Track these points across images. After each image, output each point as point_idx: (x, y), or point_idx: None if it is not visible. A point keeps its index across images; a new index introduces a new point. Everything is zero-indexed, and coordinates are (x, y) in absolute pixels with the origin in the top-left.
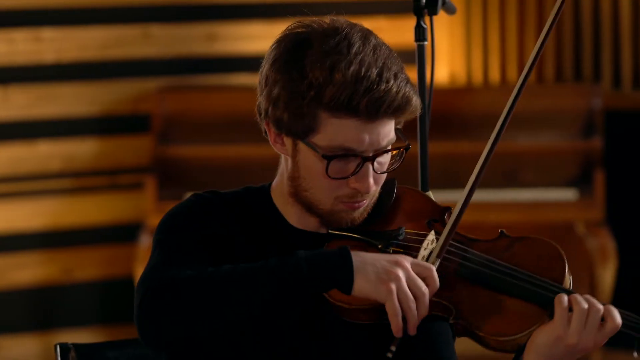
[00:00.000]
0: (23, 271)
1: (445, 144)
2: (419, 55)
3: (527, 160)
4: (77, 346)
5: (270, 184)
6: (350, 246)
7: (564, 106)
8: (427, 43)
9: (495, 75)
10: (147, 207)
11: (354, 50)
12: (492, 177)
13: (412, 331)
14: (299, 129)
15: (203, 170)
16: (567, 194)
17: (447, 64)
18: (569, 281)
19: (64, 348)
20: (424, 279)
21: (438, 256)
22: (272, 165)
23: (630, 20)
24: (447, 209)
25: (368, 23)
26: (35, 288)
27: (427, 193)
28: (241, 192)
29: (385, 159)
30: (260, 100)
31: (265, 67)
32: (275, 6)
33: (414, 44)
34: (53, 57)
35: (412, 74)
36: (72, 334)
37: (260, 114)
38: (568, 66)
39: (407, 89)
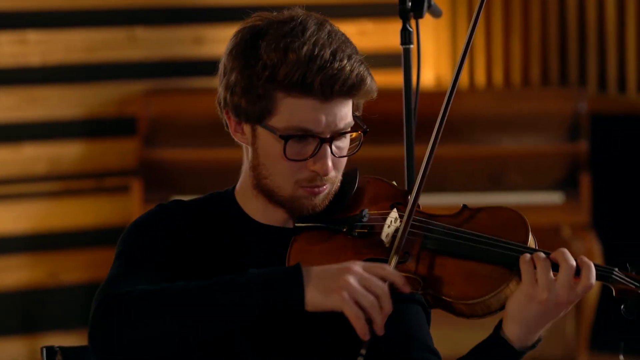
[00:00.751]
0: (9, 274)
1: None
2: (404, 59)
3: (512, 163)
4: (63, 349)
5: (234, 187)
6: (317, 235)
7: (550, 109)
8: (412, 46)
9: (480, 78)
10: (133, 210)
11: (308, 34)
12: (477, 180)
13: (380, 331)
14: (256, 112)
15: (189, 173)
16: (553, 197)
17: (433, 67)
18: (534, 244)
19: (50, 351)
20: (380, 277)
21: (403, 231)
22: None
23: (615, 24)
24: (410, 191)
25: (354, 26)
26: (21, 291)
27: (392, 182)
28: (206, 198)
29: (344, 143)
30: (220, 91)
31: (223, 58)
32: (261, 9)
33: (400, 48)
34: (38, 60)
35: (398, 77)
36: (58, 337)
37: (220, 105)
38: (554, 69)
39: (362, 69)
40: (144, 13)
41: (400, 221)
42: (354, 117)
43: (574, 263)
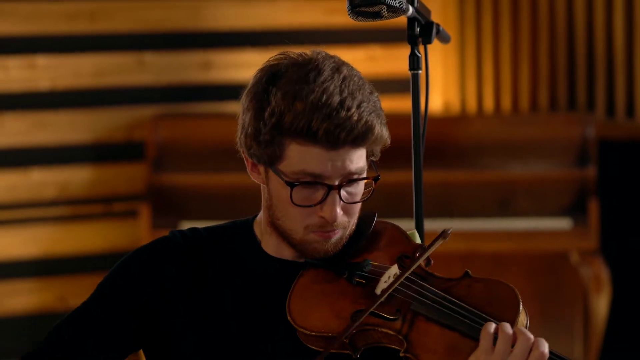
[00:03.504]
0: (17, 298)
1: (440, 172)
2: (413, 84)
3: (521, 189)
4: None
5: (255, 217)
6: (323, 275)
7: (558, 135)
8: (421, 72)
9: (489, 103)
10: (141, 235)
11: (320, 80)
12: (486, 206)
13: None
14: (266, 156)
15: (197, 198)
16: (561, 223)
17: (441, 93)
18: (524, 322)
19: None
20: None
21: (391, 287)
22: None
23: (624, 50)
24: (422, 246)
25: (363, 51)
26: (30, 315)
27: (409, 232)
28: (226, 226)
29: (356, 189)
30: (238, 129)
31: (243, 95)
32: (270, 34)
33: (408, 73)
34: (47, 85)
35: (406, 102)
36: None
37: (238, 143)
38: (562, 95)
39: (371, 117)
40: (152, 38)
41: (395, 280)
42: (370, 162)
43: (531, 338)
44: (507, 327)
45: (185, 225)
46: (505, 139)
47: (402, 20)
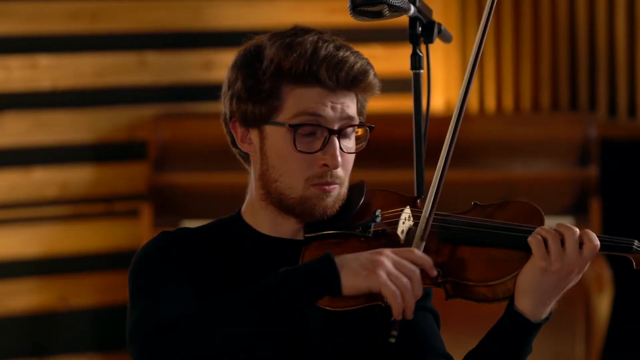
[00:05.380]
0: (18, 298)
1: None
2: (414, 84)
3: (522, 188)
4: None
5: (239, 210)
6: (329, 242)
7: (560, 135)
8: (423, 71)
9: (491, 103)
10: (142, 234)
11: (310, 34)
12: None
13: (410, 314)
14: (264, 111)
15: (198, 197)
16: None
17: (443, 92)
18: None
19: None
20: (410, 261)
21: (428, 217)
22: None
23: (625, 50)
24: (419, 197)
25: (364, 51)
26: (31, 315)
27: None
28: (213, 223)
29: (350, 143)
30: (225, 106)
31: (227, 74)
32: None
33: (410, 72)
34: (49, 84)
35: (408, 102)
36: None
37: (225, 121)
38: (564, 95)
39: (364, 62)
40: (154, 38)
41: (414, 218)
42: (360, 119)
43: (577, 230)
44: (549, 228)
45: (187, 224)
46: (507, 138)
47: (403, 19)
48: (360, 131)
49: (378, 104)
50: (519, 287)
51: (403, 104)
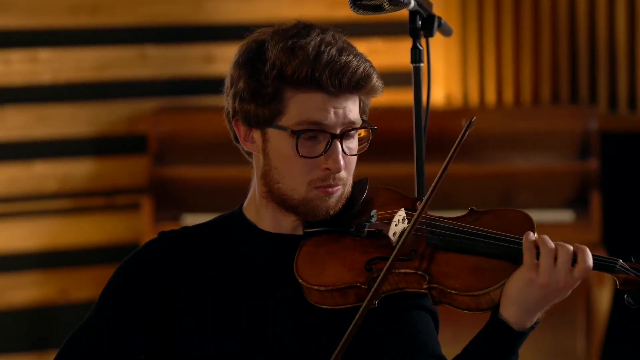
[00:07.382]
0: (19, 291)
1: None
2: (415, 77)
3: (523, 181)
4: None
5: (241, 205)
6: (326, 239)
7: (560, 128)
8: (423, 65)
9: (491, 96)
10: (143, 227)
11: (313, 34)
12: (488, 199)
13: None
14: (266, 114)
15: (199, 191)
16: (564, 216)
17: (443, 86)
18: None
19: None
20: None
21: (412, 226)
22: None
23: (626, 42)
24: (419, 198)
25: (364, 44)
26: (32, 308)
27: (400, 192)
28: (215, 220)
29: (353, 144)
30: (227, 103)
31: (229, 70)
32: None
33: (410, 66)
34: (49, 78)
35: (408, 95)
36: None
37: (228, 118)
38: (564, 88)
39: (367, 65)
40: (154, 31)
41: (408, 221)
42: (362, 119)
43: (571, 249)
44: (547, 239)
45: (187, 218)
46: (508, 132)
47: (403, 13)
48: (362, 132)
49: (378, 97)
50: (505, 295)
51: (403, 97)
